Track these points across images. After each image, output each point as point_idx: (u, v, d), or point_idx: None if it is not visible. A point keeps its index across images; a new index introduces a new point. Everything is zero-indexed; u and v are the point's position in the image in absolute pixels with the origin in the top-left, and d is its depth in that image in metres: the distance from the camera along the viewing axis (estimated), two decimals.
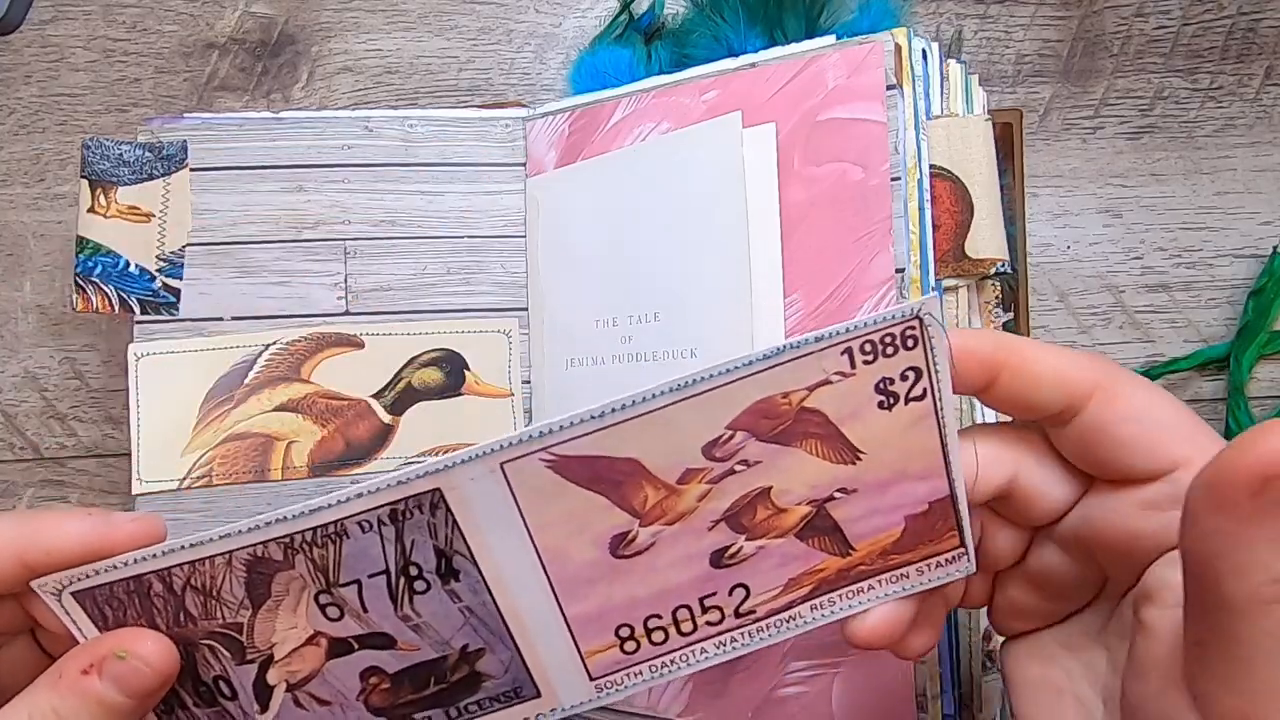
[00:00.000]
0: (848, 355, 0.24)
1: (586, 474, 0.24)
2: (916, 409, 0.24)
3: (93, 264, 0.39)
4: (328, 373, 0.40)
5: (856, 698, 0.34)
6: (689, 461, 0.24)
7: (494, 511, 0.24)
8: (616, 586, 0.25)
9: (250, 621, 0.25)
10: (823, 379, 0.24)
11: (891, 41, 0.33)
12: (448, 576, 0.25)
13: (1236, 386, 0.42)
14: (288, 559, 0.24)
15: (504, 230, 0.41)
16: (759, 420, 0.24)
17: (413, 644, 0.26)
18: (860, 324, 0.23)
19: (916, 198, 0.33)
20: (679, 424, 0.24)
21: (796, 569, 0.26)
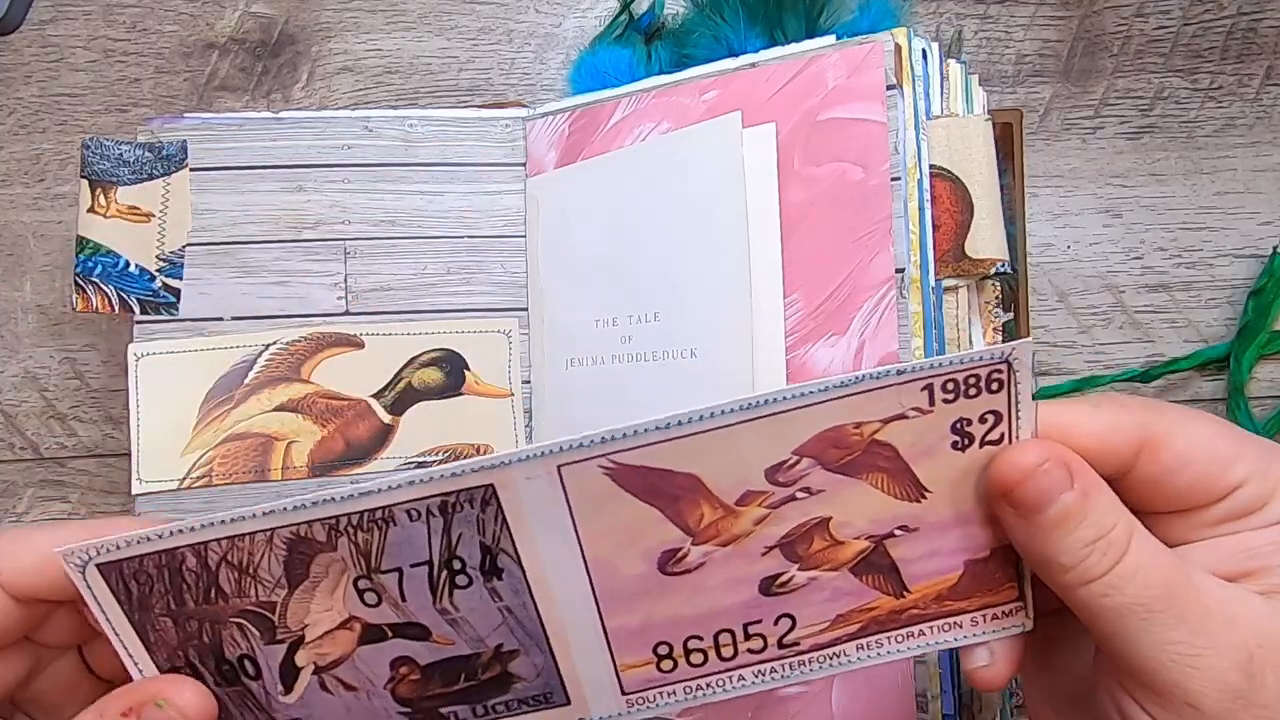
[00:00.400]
0: (928, 392, 0.23)
1: (644, 485, 0.24)
2: (991, 453, 0.24)
3: (93, 264, 0.39)
4: (328, 373, 0.40)
5: (856, 698, 0.33)
6: (750, 483, 0.24)
7: (545, 513, 0.24)
8: (661, 603, 0.25)
9: (285, 601, 0.25)
10: (899, 413, 0.23)
11: (891, 41, 0.33)
12: (491, 574, 0.25)
13: (1236, 386, 0.42)
14: (331, 541, 0.24)
15: (504, 230, 0.41)
16: (828, 448, 0.23)
17: (448, 638, 0.25)
18: (946, 361, 0.23)
19: (916, 198, 0.33)
20: (745, 444, 0.23)
21: (847, 605, 0.25)
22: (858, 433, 0.23)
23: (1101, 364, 0.43)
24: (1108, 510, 0.23)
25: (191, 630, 0.25)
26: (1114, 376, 0.42)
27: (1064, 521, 0.22)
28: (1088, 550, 0.22)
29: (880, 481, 0.24)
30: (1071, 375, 0.43)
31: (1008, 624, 0.25)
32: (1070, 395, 0.42)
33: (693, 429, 0.23)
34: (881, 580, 0.25)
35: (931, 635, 0.25)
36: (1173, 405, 0.24)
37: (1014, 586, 0.25)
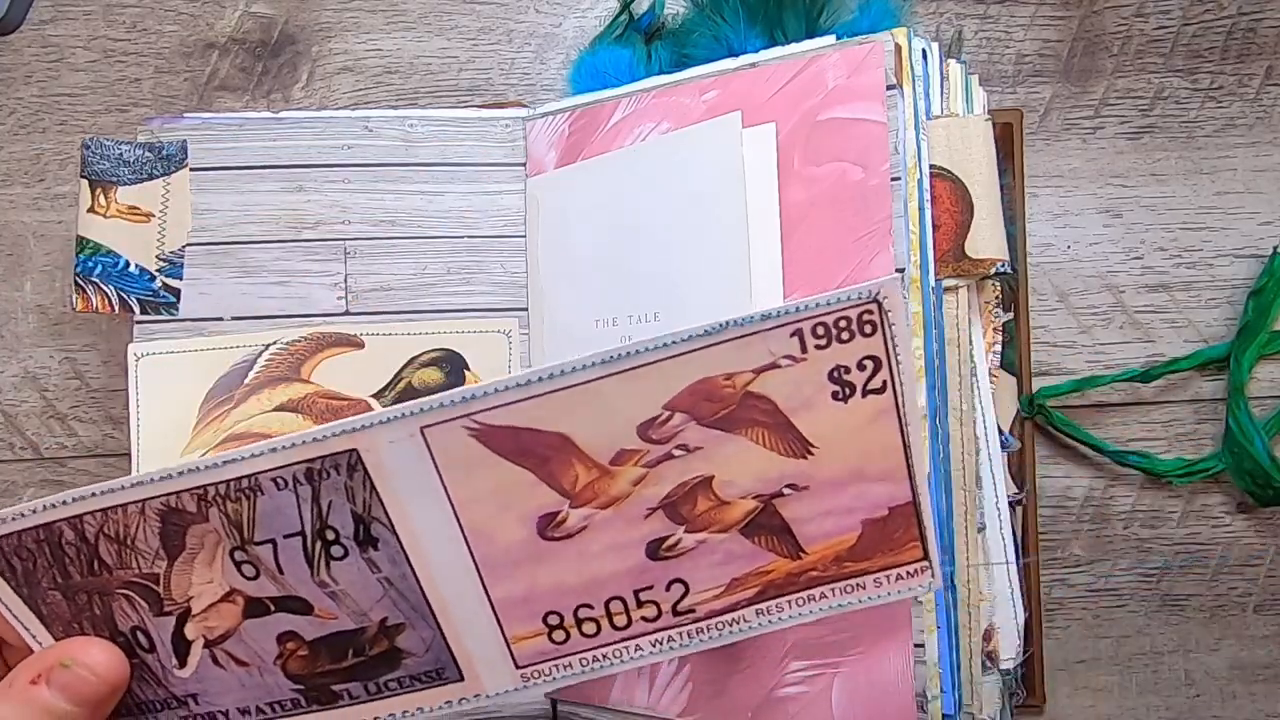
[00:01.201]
0: (798, 338, 0.22)
1: (513, 446, 0.23)
2: (876, 403, 0.23)
3: (93, 264, 0.39)
4: (328, 373, 0.40)
5: (856, 698, 0.34)
6: (623, 441, 0.23)
7: (415, 479, 0.23)
8: (544, 570, 0.24)
9: (166, 573, 0.24)
10: (770, 362, 0.22)
11: (891, 41, 0.33)
12: (366, 544, 0.24)
13: (1236, 386, 0.42)
14: (201, 511, 0.24)
15: (504, 230, 0.41)
16: (700, 402, 0.23)
17: (330, 612, 0.25)
18: (812, 303, 0.22)
19: (916, 198, 0.33)
20: (612, 399, 0.22)
21: (741, 568, 0.24)
22: (730, 384, 0.23)
23: (1101, 364, 0.43)
24: None
25: (81, 603, 0.25)
26: (1114, 376, 0.42)
27: None
28: None
29: (761, 437, 0.23)
30: (1071, 375, 0.43)
31: (913, 584, 0.25)
32: (1070, 395, 0.42)
33: (555, 385, 0.22)
34: (774, 542, 0.24)
35: (834, 597, 0.25)
36: None
37: (918, 545, 0.24)
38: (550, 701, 0.41)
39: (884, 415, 0.23)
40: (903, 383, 0.22)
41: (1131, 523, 0.43)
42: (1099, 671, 0.43)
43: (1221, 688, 0.43)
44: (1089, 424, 0.43)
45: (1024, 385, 0.41)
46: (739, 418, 0.23)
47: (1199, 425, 0.43)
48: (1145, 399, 0.43)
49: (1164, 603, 0.43)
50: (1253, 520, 0.43)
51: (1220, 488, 0.43)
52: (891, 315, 0.22)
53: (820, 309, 0.22)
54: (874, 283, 0.22)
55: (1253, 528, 0.43)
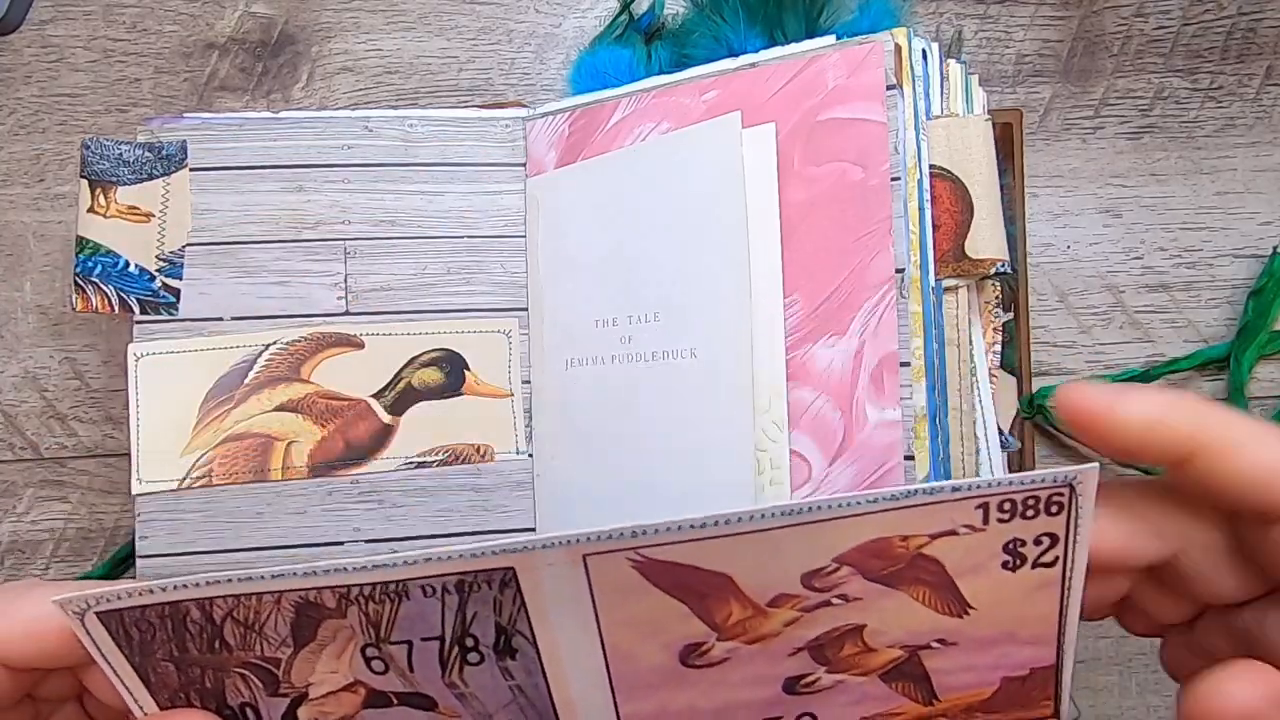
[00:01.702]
0: (983, 510, 0.22)
1: (672, 581, 0.23)
2: (1044, 575, 0.22)
3: (92, 264, 0.39)
4: (328, 373, 0.40)
5: None
6: (784, 587, 0.23)
7: (566, 600, 0.23)
8: (679, 693, 0.24)
9: (290, 659, 0.24)
10: (949, 529, 0.22)
11: (891, 41, 0.33)
12: (504, 654, 0.24)
13: (1236, 387, 0.42)
14: (340, 608, 0.23)
15: (504, 230, 0.41)
16: (869, 559, 0.22)
17: (454, 710, 0.24)
18: (1005, 481, 0.21)
19: (916, 198, 0.33)
20: (783, 548, 0.22)
21: (872, 709, 0.24)
22: (904, 545, 0.22)
23: (1101, 364, 0.43)
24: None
25: (194, 676, 0.24)
26: (1114, 376, 0.42)
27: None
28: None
29: (922, 595, 0.23)
30: (1072, 375, 0.43)
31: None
32: None
33: (730, 530, 0.22)
34: (912, 689, 0.24)
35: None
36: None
37: (1049, 704, 0.24)
38: None
39: (1049, 587, 0.23)
40: (1074, 560, 0.22)
41: None
42: (1099, 671, 0.43)
43: None
44: None
45: (1024, 385, 0.41)
46: (905, 576, 0.23)
47: None
48: None
49: None
50: None
51: None
52: (1082, 500, 0.22)
53: (1012, 488, 0.22)
54: (1072, 470, 0.21)
55: None
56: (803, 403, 0.34)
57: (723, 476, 0.34)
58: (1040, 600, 0.23)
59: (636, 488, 0.37)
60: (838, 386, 0.34)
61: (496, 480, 0.40)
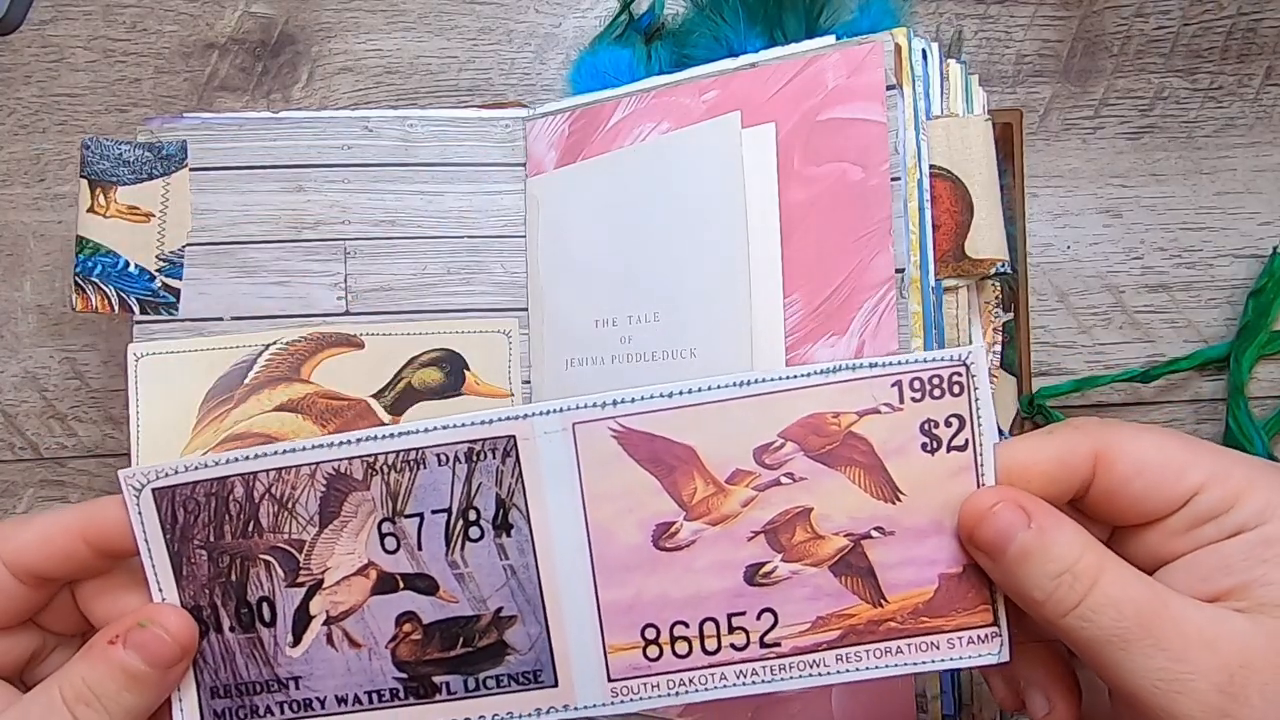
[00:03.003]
0: (897, 388, 0.25)
1: (646, 452, 0.26)
2: (959, 459, 0.25)
3: (92, 264, 0.39)
4: (328, 373, 0.40)
5: (856, 698, 0.33)
6: (740, 461, 0.26)
7: (557, 470, 0.26)
8: (652, 579, 0.26)
9: (313, 540, 0.26)
10: (872, 406, 0.25)
11: (891, 41, 0.33)
12: (501, 529, 0.26)
13: (1236, 386, 0.42)
14: (366, 479, 0.26)
15: (504, 230, 0.41)
16: (809, 435, 0.26)
17: (453, 594, 0.27)
18: (912, 359, 0.25)
19: (916, 198, 0.33)
20: (737, 419, 0.25)
21: (827, 607, 0.26)
22: (836, 422, 0.25)
23: (1101, 364, 0.43)
24: (1070, 544, 0.24)
25: (223, 566, 0.26)
26: (1114, 376, 0.42)
27: (1025, 558, 0.24)
28: (1055, 584, 0.23)
29: (857, 476, 0.26)
30: (1072, 375, 0.43)
31: (983, 650, 0.26)
32: (1070, 395, 0.42)
33: (692, 399, 0.25)
34: (859, 584, 0.26)
35: (909, 654, 0.26)
36: (1127, 422, 0.25)
37: (988, 609, 0.26)
38: None
39: (964, 472, 0.25)
40: (982, 443, 0.25)
41: None
42: None
43: None
44: None
45: (1024, 385, 0.41)
46: (840, 455, 0.26)
47: (1199, 425, 0.43)
48: (1145, 399, 0.43)
49: None
50: None
51: None
52: (977, 380, 0.25)
53: (918, 365, 0.25)
54: (963, 348, 0.25)
55: None
56: None
57: None
58: (959, 486, 0.25)
59: None
60: None
61: None
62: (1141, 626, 0.22)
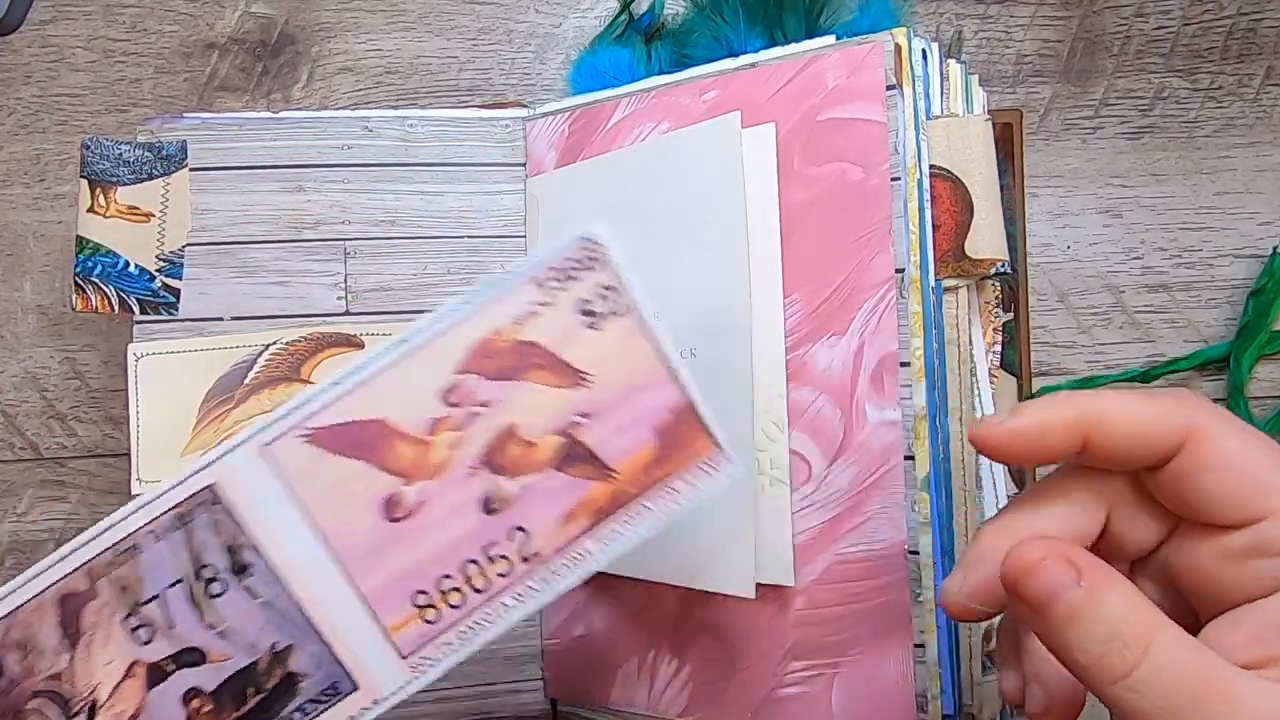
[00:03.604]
0: (539, 287, 0.27)
1: (343, 442, 0.26)
2: (624, 324, 0.27)
3: (92, 264, 0.39)
4: (328, 373, 0.40)
5: (856, 698, 0.34)
6: (431, 411, 0.27)
7: (268, 497, 0.26)
8: (399, 553, 0.26)
9: (69, 668, 0.26)
10: (528, 311, 0.27)
11: (891, 41, 0.33)
12: (239, 573, 0.26)
13: (1236, 387, 0.42)
14: (92, 587, 0.26)
15: (504, 230, 0.41)
16: (483, 361, 0.27)
17: (224, 653, 0.26)
18: (538, 258, 0.27)
19: (916, 198, 0.33)
20: (412, 377, 0.26)
21: (568, 502, 0.27)
22: (501, 339, 0.26)
23: (1101, 364, 0.43)
24: (1122, 606, 0.22)
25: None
26: (1114, 376, 0.42)
27: (1072, 618, 0.22)
28: (1104, 649, 0.22)
29: (542, 377, 0.27)
30: (1072, 375, 0.43)
31: (714, 473, 0.27)
32: None
33: (363, 376, 0.26)
34: (587, 469, 0.27)
35: (656, 508, 0.27)
36: (1227, 411, 0.24)
37: (705, 438, 0.27)
38: (550, 701, 0.41)
39: (633, 334, 0.27)
40: (637, 298, 0.27)
41: None
42: None
43: None
44: None
45: (1024, 385, 0.41)
46: (519, 365, 0.27)
47: None
48: None
49: None
50: None
51: None
52: (608, 249, 0.27)
53: (549, 259, 0.27)
54: (584, 231, 0.27)
55: None
56: (802, 403, 0.34)
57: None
58: (635, 346, 0.27)
59: None
60: (837, 386, 0.34)
61: None
62: (1194, 702, 0.21)
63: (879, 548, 0.33)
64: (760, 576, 0.34)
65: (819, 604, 0.34)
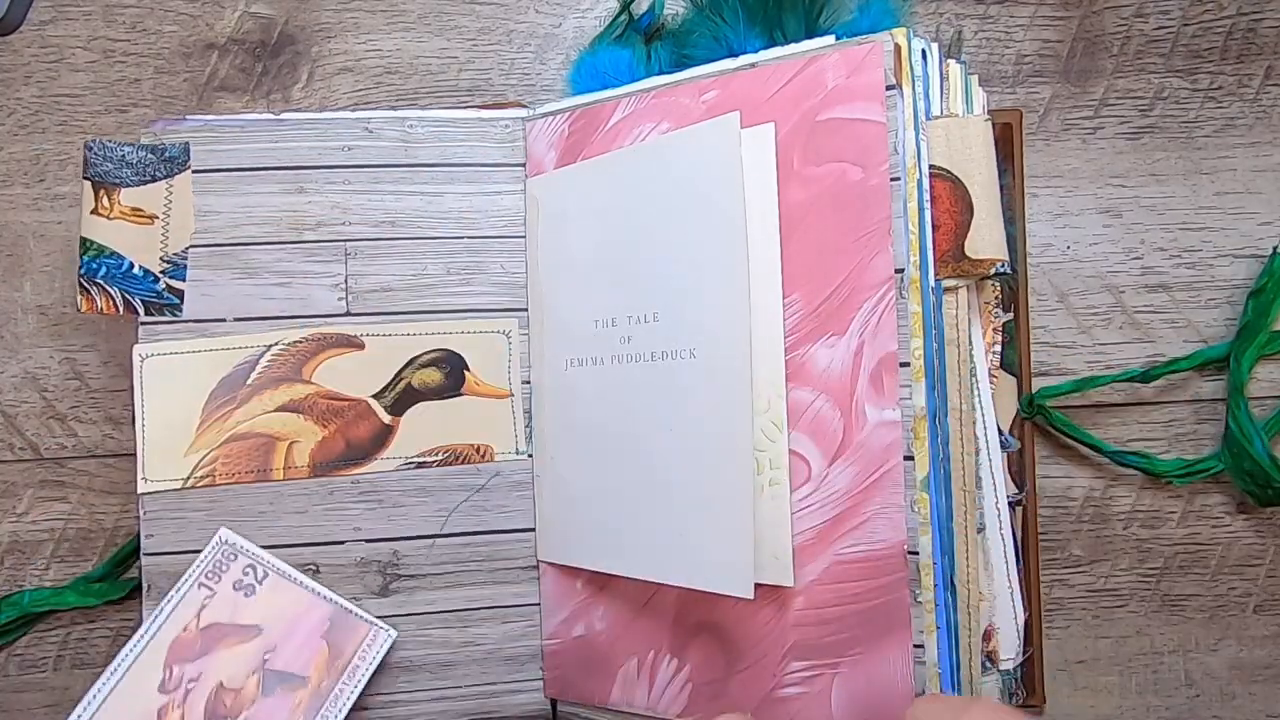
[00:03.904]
0: (201, 587, 0.37)
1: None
2: (270, 582, 0.37)
3: (97, 265, 0.39)
4: (329, 373, 0.40)
5: (856, 698, 0.34)
6: (155, 704, 0.35)
7: None
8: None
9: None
10: (200, 605, 0.37)
11: (891, 42, 0.34)
12: None
13: (1236, 386, 0.42)
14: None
15: (504, 230, 0.41)
16: (181, 652, 0.36)
17: None
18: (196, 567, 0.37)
19: (916, 198, 0.33)
20: (131, 689, 0.35)
21: (284, 712, 0.36)
22: (189, 633, 0.37)
23: (1102, 364, 0.43)
24: None
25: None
26: (1114, 376, 0.42)
27: None
28: None
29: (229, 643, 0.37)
30: (1072, 375, 0.43)
31: (375, 640, 0.38)
32: (1070, 395, 0.42)
33: (93, 707, 0.35)
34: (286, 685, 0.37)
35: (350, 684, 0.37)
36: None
37: (360, 620, 0.38)
38: (550, 701, 0.41)
39: (279, 586, 0.38)
40: (274, 565, 0.38)
41: (1131, 523, 0.43)
42: (1099, 671, 0.43)
43: (1221, 688, 0.43)
44: (1089, 424, 0.43)
45: (1024, 385, 0.41)
46: (208, 642, 0.37)
47: (1199, 425, 0.43)
48: (1145, 399, 0.43)
49: (1164, 603, 0.43)
50: (1253, 520, 0.43)
51: (1220, 488, 0.43)
52: (240, 543, 0.37)
53: (203, 565, 0.38)
54: (215, 538, 0.37)
55: (1253, 528, 0.43)
56: (802, 403, 0.34)
57: (723, 476, 0.34)
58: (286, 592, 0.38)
59: (636, 487, 0.37)
60: (837, 386, 0.34)
61: (496, 480, 0.40)
62: None
63: (878, 548, 0.33)
64: (759, 577, 0.34)
65: (819, 604, 0.34)
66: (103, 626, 0.44)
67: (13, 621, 0.43)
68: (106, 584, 0.43)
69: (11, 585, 0.44)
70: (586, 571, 0.39)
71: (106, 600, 0.43)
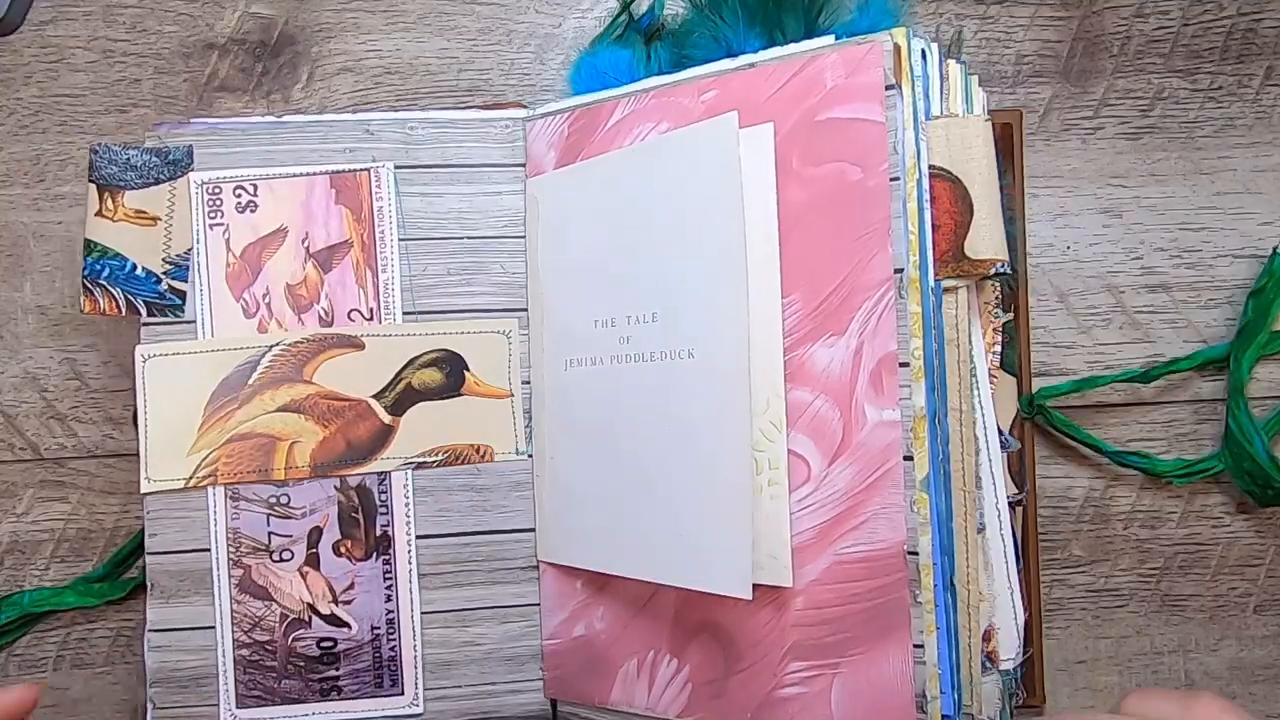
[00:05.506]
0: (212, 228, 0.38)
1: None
2: None
3: (100, 266, 0.39)
4: (329, 373, 0.40)
5: (856, 698, 0.34)
6: (252, 325, 0.37)
7: None
8: None
9: None
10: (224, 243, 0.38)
11: (890, 41, 0.33)
12: None
13: (1236, 387, 0.42)
14: None
15: (504, 230, 0.41)
16: (240, 280, 0.38)
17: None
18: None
19: (915, 198, 0.33)
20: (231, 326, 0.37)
21: None
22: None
23: (1102, 364, 0.43)
24: None
25: None
26: (1114, 376, 0.42)
27: None
28: None
29: None
30: (1072, 375, 0.43)
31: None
32: (1070, 395, 0.42)
33: None
34: None
35: None
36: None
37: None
38: (550, 701, 0.41)
39: None
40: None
41: (1131, 523, 0.43)
42: (1099, 671, 0.43)
43: (1221, 688, 0.43)
44: (1089, 424, 0.43)
45: (1024, 385, 0.41)
46: None
47: (1199, 425, 0.43)
48: (1145, 399, 0.43)
49: (1164, 603, 0.43)
50: (1252, 520, 0.43)
51: (1220, 488, 0.43)
52: None
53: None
54: None
55: (1252, 528, 0.43)
56: (801, 403, 0.34)
57: (721, 477, 0.34)
58: None
59: (635, 487, 0.37)
60: (836, 387, 0.34)
61: (496, 480, 0.40)
62: None
63: (878, 548, 0.33)
64: (758, 577, 0.34)
65: (818, 604, 0.34)
66: (103, 626, 0.44)
67: (13, 621, 0.43)
68: (106, 584, 0.43)
69: (11, 585, 0.44)
70: (586, 572, 0.39)
71: (106, 600, 0.43)
